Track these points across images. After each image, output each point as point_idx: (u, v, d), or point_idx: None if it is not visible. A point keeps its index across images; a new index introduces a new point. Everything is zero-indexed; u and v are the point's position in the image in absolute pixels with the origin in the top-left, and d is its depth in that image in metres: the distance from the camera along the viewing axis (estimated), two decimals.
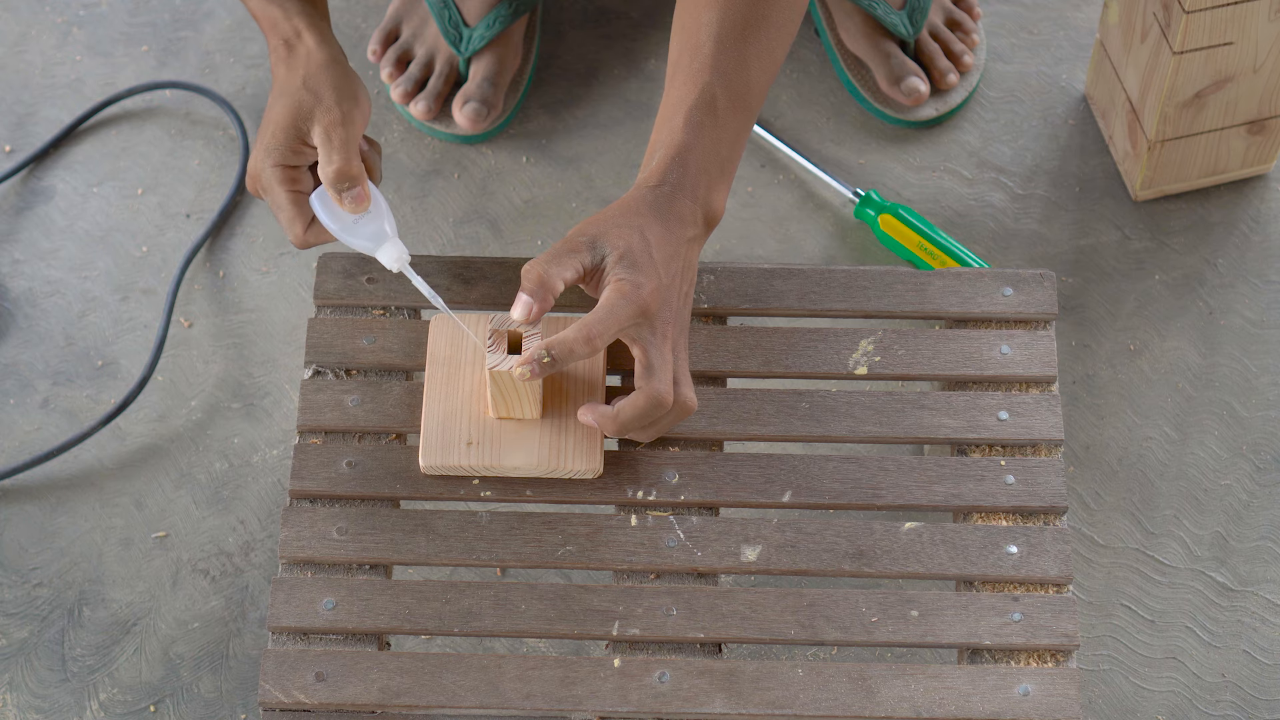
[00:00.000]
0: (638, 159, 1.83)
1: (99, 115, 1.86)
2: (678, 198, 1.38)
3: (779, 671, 1.37)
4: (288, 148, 1.41)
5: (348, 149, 1.40)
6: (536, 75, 1.88)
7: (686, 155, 1.39)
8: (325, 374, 1.47)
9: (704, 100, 1.39)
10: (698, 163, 1.39)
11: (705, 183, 1.39)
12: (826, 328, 1.49)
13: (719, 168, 1.40)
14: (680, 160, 1.39)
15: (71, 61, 1.89)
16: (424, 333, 1.48)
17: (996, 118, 1.84)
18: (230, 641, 1.61)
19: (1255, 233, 1.78)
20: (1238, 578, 1.63)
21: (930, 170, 1.82)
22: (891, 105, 1.83)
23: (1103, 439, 1.69)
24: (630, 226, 1.37)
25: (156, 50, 1.89)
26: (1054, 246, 1.77)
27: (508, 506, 1.56)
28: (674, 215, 1.38)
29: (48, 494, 1.68)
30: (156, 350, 1.71)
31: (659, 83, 1.87)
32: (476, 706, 1.36)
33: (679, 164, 1.39)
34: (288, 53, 1.43)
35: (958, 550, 1.41)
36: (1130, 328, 1.74)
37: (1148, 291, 1.75)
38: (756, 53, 1.40)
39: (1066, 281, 1.75)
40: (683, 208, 1.38)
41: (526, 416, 1.43)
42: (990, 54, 1.88)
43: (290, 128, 1.41)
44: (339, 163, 1.40)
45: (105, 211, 1.81)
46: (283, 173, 1.42)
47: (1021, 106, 1.85)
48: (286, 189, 1.42)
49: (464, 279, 1.50)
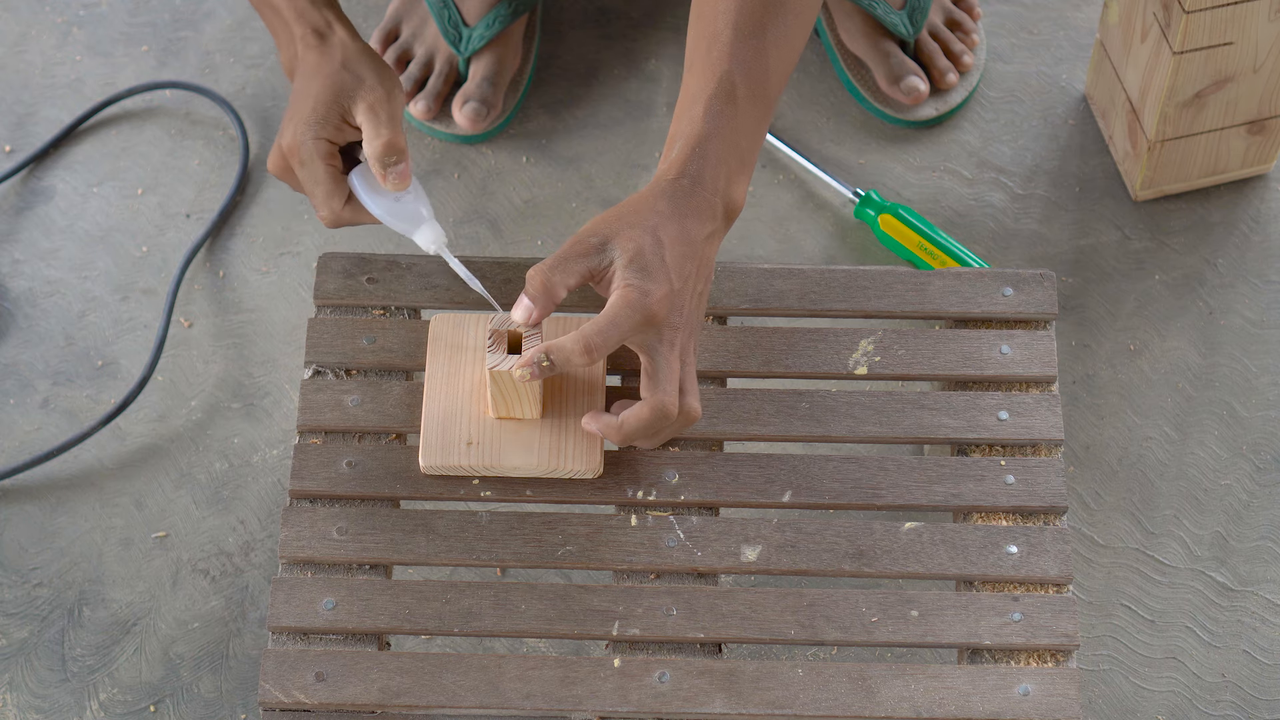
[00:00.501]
0: (638, 159, 1.83)
1: (99, 115, 1.86)
2: (698, 191, 1.37)
3: (779, 671, 1.37)
4: (331, 123, 1.41)
5: (395, 124, 1.40)
6: (536, 75, 1.88)
7: (706, 145, 1.37)
8: (325, 374, 1.47)
9: (723, 89, 1.38)
10: (718, 153, 1.37)
11: (725, 174, 1.38)
12: (826, 328, 1.49)
13: (739, 158, 1.39)
14: (700, 151, 1.37)
15: (71, 61, 1.89)
16: (424, 333, 1.48)
17: (996, 118, 1.84)
18: (230, 641, 1.61)
19: (1255, 233, 1.78)
20: (1238, 578, 1.63)
21: (930, 170, 1.82)
22: (891, 105, 1.83)
23: (1103, 439, 1.69)
24: (643, 227, 1.35)
25: (156, 50, 1.89)
26: (1054, 246, 1.77)
27: (508, 506, 1.56)
28: (693, 210, 1.37)
29: (48, 494, 1.68)
30: (156, 350, 1.71)
31: (659, 82, 1.87)
32: (476, 706, 1.36)
33: (699, 155, 1.37)
34: (319, 40, 1.43)
35: (958, 550, 1.41)
36: (1130, 328, 1.74)
37: (1148, 291, 1.75)
38: (775, 41, 1.39)
39: (1066, 281, 1.75)
40: (702, 201, 1.37)
41: (526, 417, 1.43)
42: (990, 54, 1.88)
43: (333, 103, 1.41)
44: (388, 135, 1.40)
45: (105, 211, 1.81)
46: (326, 146, 1.41)
47: (1021, 106, 1.85)
48: (326, 163, 1.42)
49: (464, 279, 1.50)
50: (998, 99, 1.85)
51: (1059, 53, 1.87)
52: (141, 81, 1.87)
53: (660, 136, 1.84)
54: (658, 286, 1.34)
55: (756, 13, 1.38)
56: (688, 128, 1.38)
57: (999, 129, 1.84)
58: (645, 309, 1.33)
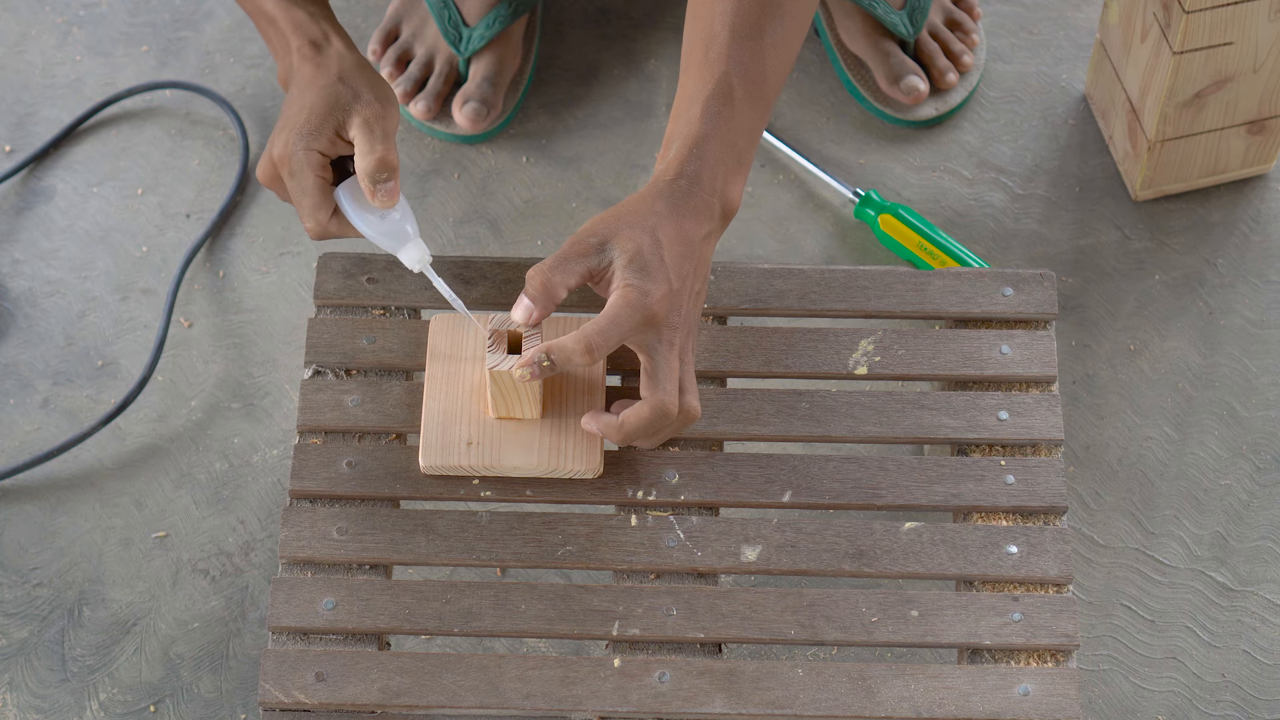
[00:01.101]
0: (638, 159, 1.83)
1: (99, 115, 1.86)
2: (695, 191, 1.37)
3: (779, 671, 1.37)
4: (324, 135, 1.41)
5: (389, 140, 1.40)
6: (536, 75, 1.88)
7: (704, 146, 1.38)
8: (325, 374, 1.47)
9: (720, 91, 1.38)
10: (715, 154, 1.38)
11: (723, 174, 1.38)
12: (826, 328, 1.49)
13: (736, 159, 1.39)
14: (698, 151, 1.38)
15: (71, 61, 1.89)
16: (424, 333, 1.48)
17: (997, 118, 1.84)
18: (230, 641, 1.61)
19: (1255, 233, 1.78)
20: (1238, 578, 1.63)
21: (930, 170, 1.82)
22: (891, 105, 1.83)
23: (1103, 439, 1.69)
24: (642, 227, 1.36)
25: (156, 50, 1.89)
26: (1054, 246, 1.77)
27: (508, 506, 1.56)
28: (690, 211, 1.37)
29: (48, 494, 1.68)
30: (156, 350, 1.71)
31: (659, 82, 1.87)
32: (476, 706, 1.36)
33: (697, 155, 1.38)
34: (315, 52, 1.43)
35: (958, 550, 1.41)
36: (1130, 328, 1.74)
37: (1148, 291, 1.75)
38: (772, 42, 1.40)
39: (1066, 281, 1.75)
40: (700, 202, 1.37)
41: (526, 416, 1.43)
42: (990, 54, 1.87)
43: (328, 115, 1.41)
44: (381, 151, 1.40)
45: (105, 211, 1.81)
46: (317, 158, 1.41)
47: (1021, 106, 1.85)
48: (316, 175, 1.42)
49: (464, 279, 1.50)
50: (998, 99, 1.85)
51: (1058, 53, 1.87)
52: (141, 81, 1.87)
53: (660, 136, 1.84)
54: (657, 286, 1.34)
55: (753, 14, 1.39)
56: (685, 128, 1.38)
57: (999, 129, 1.84)
58: (645, 309, 1.33)
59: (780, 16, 1.39)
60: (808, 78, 1.87)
